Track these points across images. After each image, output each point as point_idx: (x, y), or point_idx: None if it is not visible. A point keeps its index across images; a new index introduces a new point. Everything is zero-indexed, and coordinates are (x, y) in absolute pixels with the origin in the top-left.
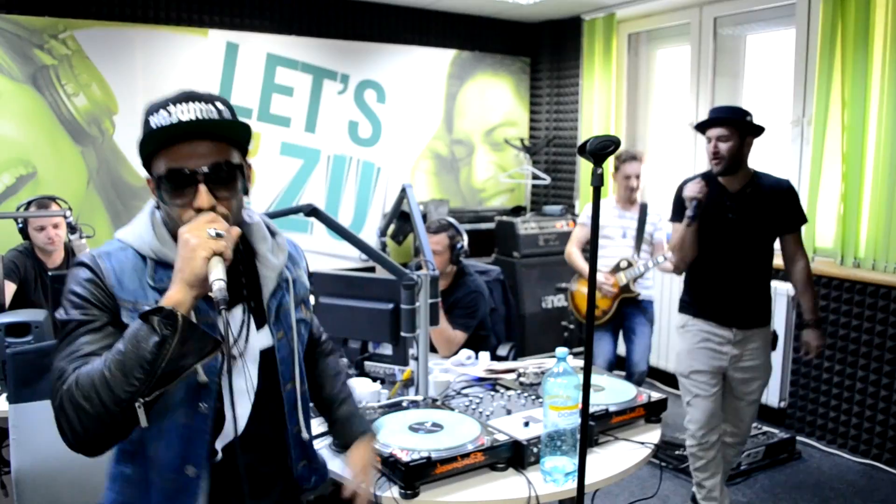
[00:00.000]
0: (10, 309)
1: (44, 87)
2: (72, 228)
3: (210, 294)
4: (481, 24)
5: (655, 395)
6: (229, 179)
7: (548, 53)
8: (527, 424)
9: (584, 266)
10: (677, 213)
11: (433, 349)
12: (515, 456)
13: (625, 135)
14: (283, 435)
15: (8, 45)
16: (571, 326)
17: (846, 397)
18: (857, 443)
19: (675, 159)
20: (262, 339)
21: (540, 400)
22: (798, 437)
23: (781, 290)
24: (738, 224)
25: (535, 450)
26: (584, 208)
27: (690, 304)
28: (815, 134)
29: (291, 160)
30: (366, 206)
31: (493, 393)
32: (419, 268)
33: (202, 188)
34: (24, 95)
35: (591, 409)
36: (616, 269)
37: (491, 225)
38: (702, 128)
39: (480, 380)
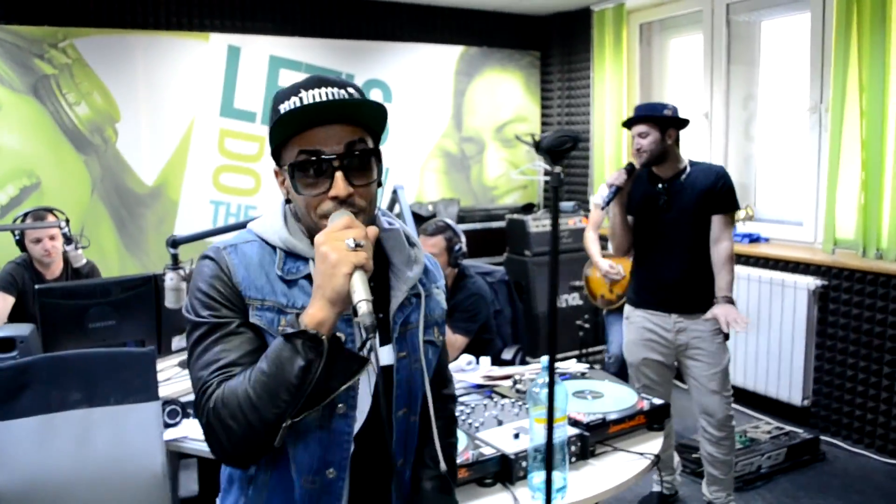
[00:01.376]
0: (9, 321)
1: (45, 97)
2: (67, 239)
3: (356, 318)
4: (489, 18)
5: (657, 402)
6: (365, 164)
7: (558, 46)
8: (517, 436)
9: (594, 249)
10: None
11: None
12: (503, 470)
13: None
14: (388, 469)
15: (8, 55)
16: (587, 326)
17: (872, 394)
18: (885, 442)
19: (690, 150)
20: (384, 355)
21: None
22: (822, 437)
23: (802, 285)
24: (669, 209)
25: (523, 464)
26: (598, 188)
27: (632, 295)
28: (832, 121)
29: None
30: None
31: (487, 401)
32: None
33: (339, 175)
34: (26, 106)
35: (588, 419)
36: None
37: (502, 223)
38: (627, 126)
39: (478, 386)
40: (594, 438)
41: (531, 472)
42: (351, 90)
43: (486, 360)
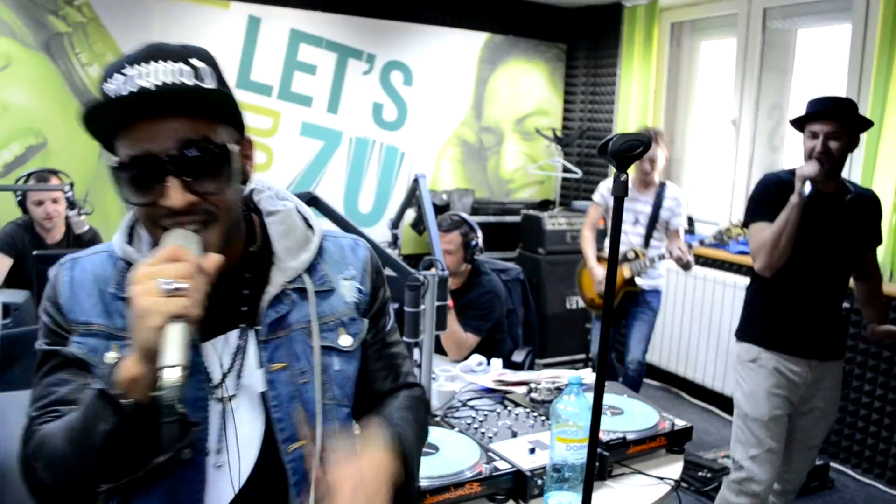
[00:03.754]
0: (5, 285)
1: (57, 56)
2: (71, 204)
3: (157, 389)
4: (517, 7)
5: (679, 423)
6: (212, 166)
7: (585, 41)
8: (532, 451)
9: (590, 252)
10: (758, 211)
11: (443, 352)
12: (517, 487)
13: (662, 129)
14: None
15: (21, 10)
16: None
17: (886, 424)
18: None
19: (715, 158)
20: (255, 378)
21: (550, 423)
22: (832, 464)
23: None
24: (832, 234)
25: (539, 482)
26: (600, 185)
27: (763, 333)
28: (868, 137)
29: (311, 141)
30: (387, 192)
31: (500, 408)
32: (429, 266)
33: (172, 182)
34: (37, 63)
35: (607, 437)
36: (623, 258)
37: (517, 218)
38: (802, 121)
39: (489, 390)
40: (612, 458)
41: (547, 491)
42: (195, 62)
43: (497, 363)
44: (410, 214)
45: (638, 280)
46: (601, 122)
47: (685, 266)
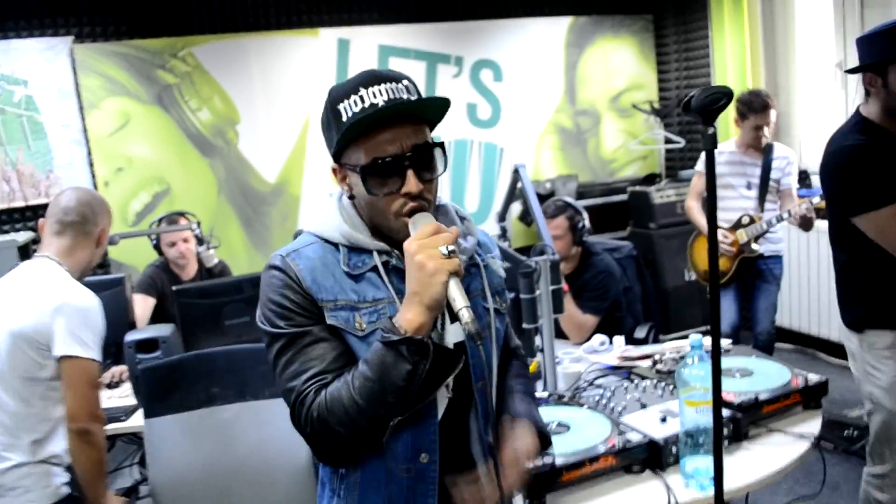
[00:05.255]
0: (151, 323)
1: (169, 106)
2: (199, 241)
3: (462, 326)
4: None
5: (813, 378)
6: (431, 161)
7: (672, 7)
8: (664, 420)
9: (702, 221)
10: (879, 194)
11: (564, 336)
12: (652, 457)
13: (763, 85)
14: (468, 449)
15: (133, 69)
16: None
17: None
18: None
19: (824, 106)
20: (454, 331)
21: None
22: None
23: None
24: None
25: (673, 449)
26: (703, 153)
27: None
28: None
29: None
30: (492, 189)
31: (626, 383)
32: (541, 253)
33: (411, 174)
34: (153, 116)
35: (739, 399)
36: (737, 224)
37: (624, 196)
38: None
39: (614, 368)
40: (747, 420)
41: (683, 457)
42: (406, 83)
43: (619, 340)
44: (517, 208)
45: (755, 246)
46: (699, 87)
47: (807, 224)
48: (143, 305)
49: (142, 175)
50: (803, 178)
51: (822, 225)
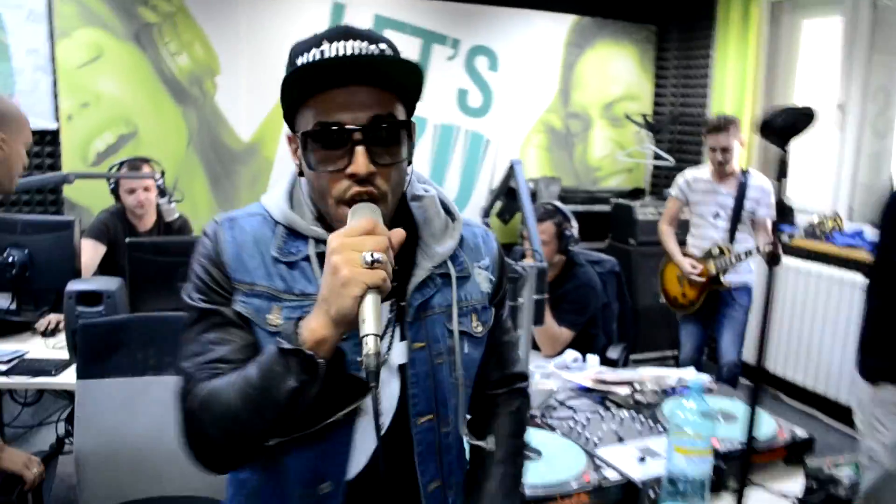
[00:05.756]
0: (99, 272)
1: (147, 45)
2: (161, 192)
3: (361, 356)
4: None
5: (800, 433)
6: (392, 140)
7: (677, 21)
8: (643, 460)
9: (673, 246)
10: None
11: (535, 347)
12: (627, 499)
13: (759, 113)
14: (414, 486)
15: (112, 1)
16: None
17: None
18: None
19: (818, 144)
20: (398, 351)
21: (659, 427)
22: None
23: None
24: None
25: (651, 494)
26: (677, 178)
27: None
28: None
29: None
30: (472, 179)
31: (602, 411)
32: (522, 256)
33: (359, 150)
34: (127, 53)
35: (725, 447)
36: (707, 255)
37: (606, 207)
38: None
39: (587, 389)
40: (731, 471)
41: None
42: (383, 46)
43: (593, 359)
44: (496, 204)
45: (724, 278)
46: (694, 108)
47: (773, 260)
48: (91, 252)
49: (108, 114)
50: (786, 213)
51: (799, 264)
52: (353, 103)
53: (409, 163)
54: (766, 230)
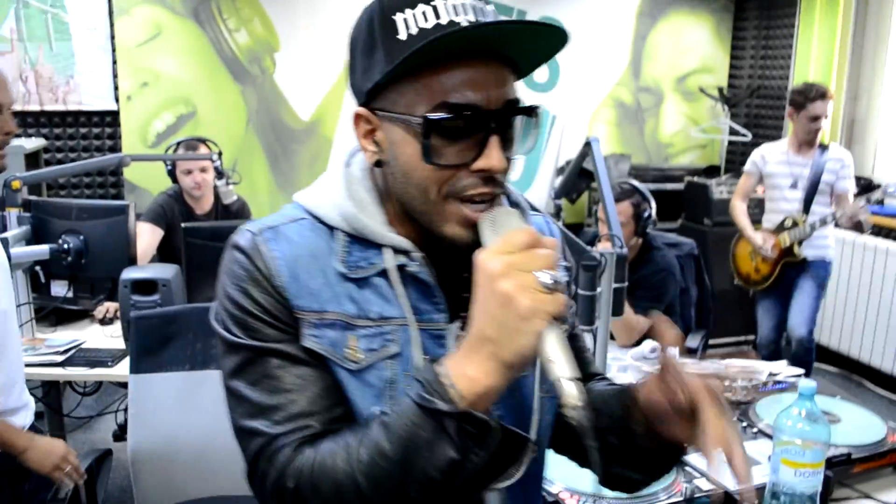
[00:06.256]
0: (158, 256)
1: (205, 21)
2: (219, 174)
3: (562, 408)
4: None
5: None
6: (523, 129)
7: None
8: None
9: (745, 221)
10: None
11: (610, 336)
12: None
13: (846, 88)
14: None
15: None
16: None
17: None
18: None
19: None
20: None
21: (754, 429)
22: None
23: None
24: None
25: None
26: (753, 153)
27: None
28: None
29: None
30: (537, 158)
31: None
32: (594, 239)
33: (495, 142)
34: (186, 30)
35: (829, 453)
36: (780, 227)
37: (679, 185)
38: None
39: None
40: (835, 480)
41: None
42: (492, 8)
43: (673, 350)
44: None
45: (799, 249)
46: (775, 80)
47: (858, 226)
48: (150, 236)
49: (168, 94)
50: (868, 187)
51: (870, 241)
52: (486, 83)
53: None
54: (848, 202)
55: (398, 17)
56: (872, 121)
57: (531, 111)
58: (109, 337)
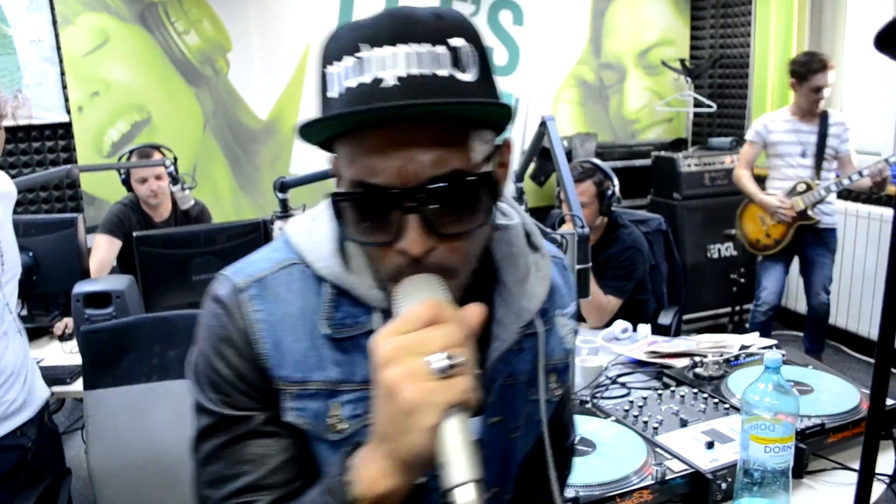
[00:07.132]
0: (118, 268)
1: (153, 26)
2: (174, 179)
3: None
4: None
5: (889, 401)
6: (466, 201)
7: None
8: (710, 446)
9: (753, 188)
10: None
11: (580, 318)
12: (695, 492)
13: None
14: None
15: None
16: (742, 280)
17: None
18: None
19: (871, 81)
20: (476, 425)
21: (725, 405)
22: None
23: None
24: None
25: (722, 485)
26: (754, 122)
27: None
28: None
29: None
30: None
31: (660, 389)
32: (562, 223)
33: (413, 223)
34: (134, 35)
35: (801, 424)
36: (792, 191)
37: (646, 161)
38: None
39: (641, 363)
40: (810, 451)
41: (738, 498)
42: (454, 42)
43: (644, 328)
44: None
45: (813, 213)
46: (736, 48)
47: (881, 184)
48: (107, 248)
49: (120, 102)
50: None
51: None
52: (405, 156)
53: (488, 224)
54: (852, 164)
55: (329, 71)
56: (837, 88)
57: (474, 182)
58: (69, 353)
